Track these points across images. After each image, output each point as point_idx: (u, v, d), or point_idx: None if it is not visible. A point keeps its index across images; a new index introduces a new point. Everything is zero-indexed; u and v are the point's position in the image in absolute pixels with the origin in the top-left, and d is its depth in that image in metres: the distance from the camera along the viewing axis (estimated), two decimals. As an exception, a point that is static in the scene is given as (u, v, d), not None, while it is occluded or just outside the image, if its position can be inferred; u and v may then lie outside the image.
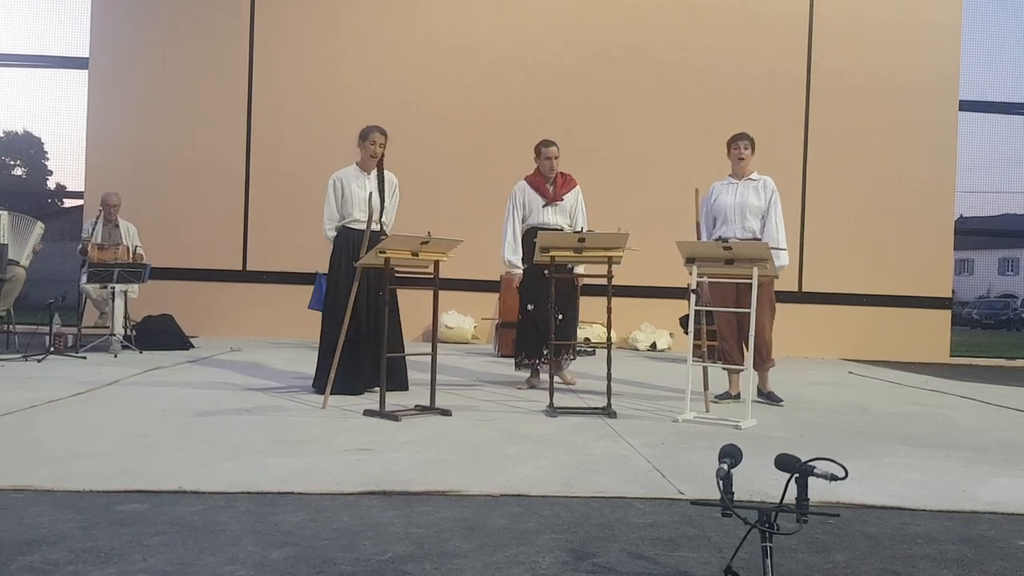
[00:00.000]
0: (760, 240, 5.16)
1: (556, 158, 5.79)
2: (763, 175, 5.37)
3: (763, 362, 5.27)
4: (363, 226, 5.05)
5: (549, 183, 5.81)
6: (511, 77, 9.98)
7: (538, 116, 9.72)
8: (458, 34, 10.01)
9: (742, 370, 5.12)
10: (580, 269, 5.75)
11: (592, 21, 10.09)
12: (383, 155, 5.22)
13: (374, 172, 5.21)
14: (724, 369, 5.39)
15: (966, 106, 10.69)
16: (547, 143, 5.83)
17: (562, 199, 5.78)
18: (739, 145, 5.37)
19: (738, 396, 5.31)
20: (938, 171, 10.18)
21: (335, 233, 5.19)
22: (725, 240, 4.85)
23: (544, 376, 6.17)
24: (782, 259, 5.11)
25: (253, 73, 9.92)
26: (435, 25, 10.03)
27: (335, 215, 5.19)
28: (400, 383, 5.14)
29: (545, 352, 5.81)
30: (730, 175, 5.43)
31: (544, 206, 5.75)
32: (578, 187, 5.89)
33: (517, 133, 9.61)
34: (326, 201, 5.18)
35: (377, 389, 4.53)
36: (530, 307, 5.76)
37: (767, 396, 5.28)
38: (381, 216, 5.14)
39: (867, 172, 10.07)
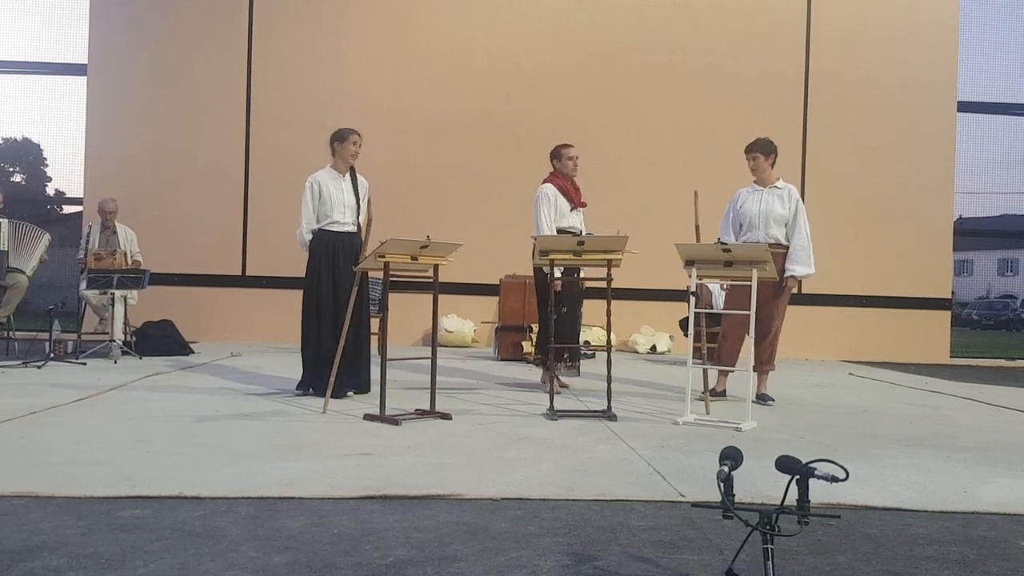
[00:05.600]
0: (784, 247, 5.31)
1: (578, 157, 5.79)
2: (788, 183, 5.49)
3: (767, 363, 5.39)
4: (343, 228, 5.16)
5: (574, 188, 5.83)
6: (510, 80, 9.98)
7: (537, 119, 9.73)
8: (457, 38, 10.02)
9: (735, 371, 5.32)
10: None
11: (590, 23, 10.09)
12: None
13: (347, 174, 5.25)
14: (720, 370, 5.45)
15: (964, 107, 10.68)
16: (566, 145, 5.83)
17: (585, 204, 5.84)
18: (747, 158, 5.49)
19: (723, 393, 5.45)
20: (937, 172, 10.18)
21: (311, 236, 5.18)
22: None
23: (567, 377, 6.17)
24: (811, 267, 5.42)
25: (252, 78, 9.92)
26: (433, 29, 10.03)
27: (312, 218, 5.18)
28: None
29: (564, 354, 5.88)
30: (755, 182, 5.51)
31: (571, 210, 5.76)
32: None
33: (516, 136, 9.65)
34: (303, 204, 5.16)
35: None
36: (564, 309, 5.56)
37: (760, 397, 5.34)
38: (358, 217, 5.21)
39: (866, 173, 10.07)
